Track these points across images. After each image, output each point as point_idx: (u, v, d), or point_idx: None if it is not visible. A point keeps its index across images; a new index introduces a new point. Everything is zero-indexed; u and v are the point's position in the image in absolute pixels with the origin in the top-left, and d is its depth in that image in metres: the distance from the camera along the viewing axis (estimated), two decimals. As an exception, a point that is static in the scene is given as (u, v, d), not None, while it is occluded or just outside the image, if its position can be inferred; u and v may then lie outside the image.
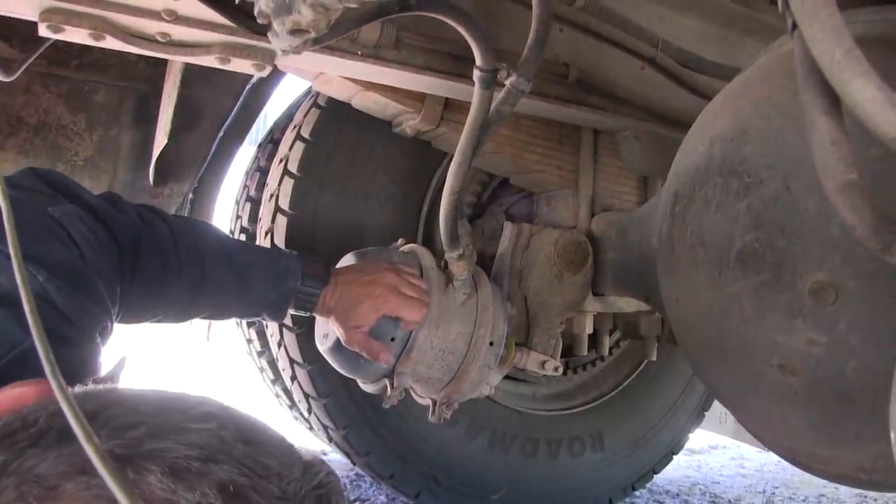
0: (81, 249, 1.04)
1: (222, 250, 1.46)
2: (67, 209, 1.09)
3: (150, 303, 1.37)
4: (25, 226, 0.97)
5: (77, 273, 1.01)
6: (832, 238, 1.07)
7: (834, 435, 1.13)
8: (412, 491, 2.31)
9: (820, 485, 3.36)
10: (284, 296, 1.53)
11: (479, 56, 1.40)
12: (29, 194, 1.10)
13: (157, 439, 0.53)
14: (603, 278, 1.93)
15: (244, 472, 0.54)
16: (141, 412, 0.56)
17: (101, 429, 0.52)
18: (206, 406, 0.60)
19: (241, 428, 0.59)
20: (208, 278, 1.42)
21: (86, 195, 1.21)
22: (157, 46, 1.44)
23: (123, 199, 1.32)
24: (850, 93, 0.64)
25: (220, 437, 0.56)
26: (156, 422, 0.55)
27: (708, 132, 1.36)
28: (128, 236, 1.24)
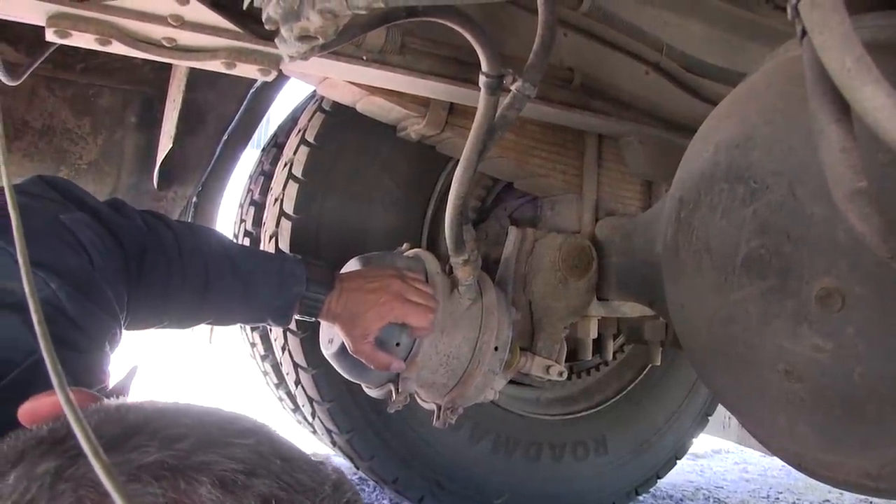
0: (91, 256, 1.05)
1: (226, 255, 1.46)
2: (76, 216, 1.10)
3: (154, 309, 1.37)
4: (36, 232, 0.98)
5: (87, 280, 1.02)
6: (838, 244, 1.06)
7: (840, 441, 1.13)
8: (416, 495, 2.31)
9: (824, 490, 3.35)
10: (289, 301, 1.53)
11: (484, 61, 1.40)
12: (39, 201, 1.10)
13: (203, 452, 0.54)
14: (607, 283, 1.93)
15: (283, 486, 0.55)
16: (184, 425, 0.57)
17: (150, 440, 0.54)
18: (242, 422, 0.61)
19: (276, 444, 0.60)
20: (212, 284, 1.42)
21: (92, 201, 1.21)
22: (164, 51, 1.44)
23: (128, 205, 1.33)
24: (861, 100, 0.64)
25: (259, 453, 0.57)
26: (200, 435, 0.56)
27: (713, 138, 1.36)
28: (133, 243, 1.24)
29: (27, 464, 0.52)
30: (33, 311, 0.58)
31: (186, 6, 1.35)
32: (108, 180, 2.38)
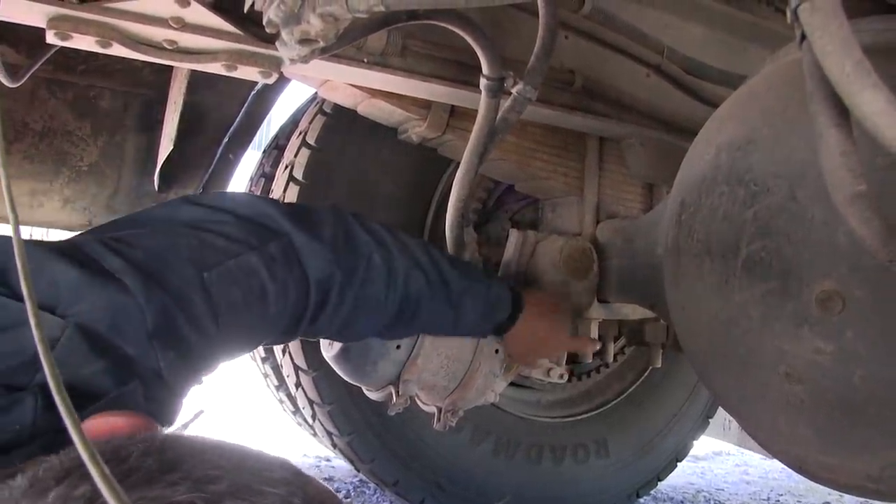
0: (207, 326, 0.97)
1: (441, 281, 1.37)
2: (242, 260, 1.03)
3: (344, 337, 1.38)
4: (175, 294, 0.93)
5: (196, 351, 0.96)
6: (839, 247, 1.06)
7: (841, 444, 1.13)
8: (416, 497, 2.31)
9: (825, 492, 3.35)
10: (489, 327, 1.52)
11: (485, 64, 1.40)
12: (208, 238, 1.04)
13: (234, 497, 0.54)
14: (608, 285, 1.93)
15: None
16: (220, 467, 0.57)
17: (184, 479, 0.54)
18: (281, 470, 0.61)
19: (309, 497, 0.59)
20: (421, 316, 1.37)
21: (284, 225, 1.13)
22: (164, 53, 1.44)
23: (348, 220, 1.26)
24: (860, 105, 0.65)
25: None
26: (236, 480, 0.56)
27: (714, 140, 1.36)
28: (320, 276, 1.16)
29: (68, 485, 0.52)
30: (39, 346, 0.58)
31: (187, 8, 1.35)
32: (108, 182, 2.38)
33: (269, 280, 1.06)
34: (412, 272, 1.31)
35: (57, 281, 0.85)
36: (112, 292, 0.88)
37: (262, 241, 1.08)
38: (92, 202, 2.38)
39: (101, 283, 0.87)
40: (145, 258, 0.94)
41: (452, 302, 1.40)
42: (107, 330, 0.85)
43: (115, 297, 0.88)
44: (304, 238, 1.13)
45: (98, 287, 0.87)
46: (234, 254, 1.03)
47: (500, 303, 1.50)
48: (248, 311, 1.04)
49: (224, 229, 1.06)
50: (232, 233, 1.06)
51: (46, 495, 0.51)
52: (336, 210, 1.27)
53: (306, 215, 1.20)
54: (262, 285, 1.05)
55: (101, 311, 0.86)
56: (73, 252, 0.91)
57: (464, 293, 1.41)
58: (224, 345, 1.02)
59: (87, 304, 0.85)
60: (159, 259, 0.95)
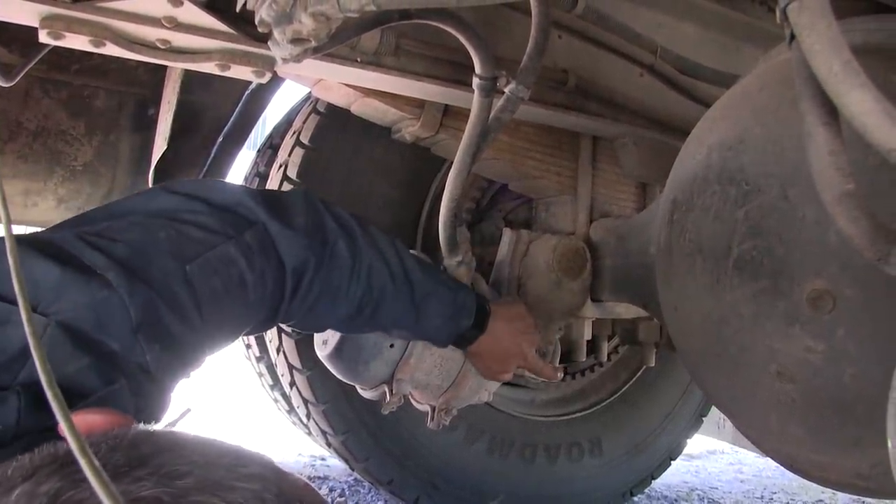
0: (202, 310, 0.98)
1: (406, 280, 1.37)
2: (219, 251, 1.03)
3: (304, 323, 1.34)
4: (153, 283, 0.93)
5: (181, 342, 0.96)
6: (830, 246, 1.07)
7: (832, 442, 1.13)
8: (411, 496, 2.31)
9: (818, 490, 3.36)
10: (452, 334, 1.49)
11: (478, 64, 1.40)
12: (181, 225, 1.03)
13: (202, 492, 0.54)
14: (601, 284, 1.93)
15: None
16: (194, 462, 0.57)
17: (152, 474, 0.54)
18: (257, 466, 0.61)
19: (284, 492, 0.59)
20: (382, 311, 1.36)
21: (256, 213, 1.13)
22: (158, 53, 1.44)
23: (310, 205, 1.25)
24: (848, 104, 0.65)
25: (263, 500, 0.56)
26: (205, 475, 0.56)
27: (706, 140, 1.36)
28: (294, 261, 1.16)
29: (34, 482, 0.53)
30: (31, 341, 0.59)
31: (180, 8, 1.35)
32: (103, 182, 2.38)
33: (247, 269, 1.06)
34: (376, 264, 1.31)
35: (36, 279, 0.84)
36: (94, 289, 0.87)
37: (238, 230, 1.08)
38: (87, 202, 2.38)
39: (84, 280, 0.87)
40: (126, 253, 0.93)
41: (415, 301, 1.39)
42: (91, 327, 0.85)
43: (97, 293, 0.87)
44: (277, 225, 1.14)
45: (80, 284, 0.86)
46: (213, 245, 1.03)
47: (465, 310, 1.48)
48: (230, 300, 1.04)
49: (200, 219, 1.06)
50: (208, 223, 1.06)
51: (11, 493, 0.52)
52: (306, 195, 1.26)
53: (278, 202, 1.20)
54: (240, 274, 1.05)
55: (84, 308, 0.86)
56: (52, 248, 0.90)
57: (428, 295, 1.40)
58: (208, 336, 1.03)
59: (69, 302, 0.85)
60: (141, 253, 0.95)
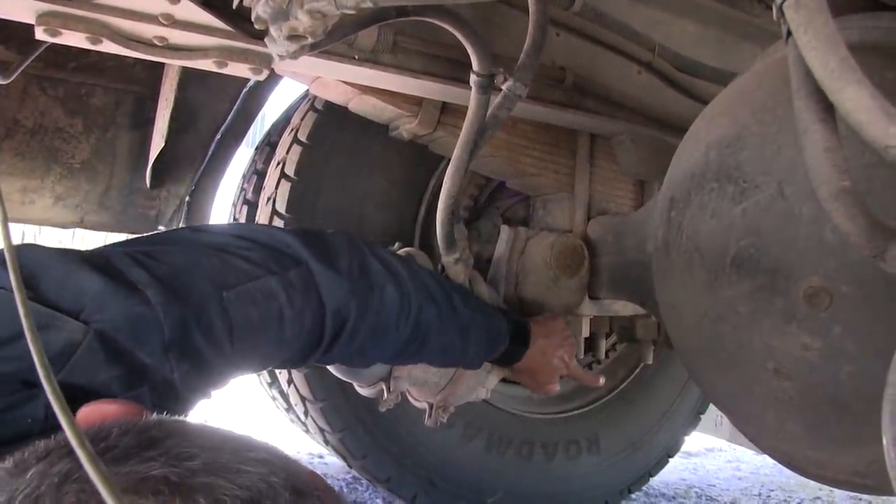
0: (222, 343, 0.99)
1: (451, 314, 1.41)
2: (260, 284, 1.05)
3: (352, 364, 1.40)
4: (201, 306, 0.96)
5: (212, 368, 0.98)
6: (826, 243, 1.07)
7: (829, 439, 1.13)
8: (408, 494, 2.31)
9: (815, 487, 3.36)
10: (488, 357, 1.58)
11: (475, 61, 1.40)
12: (236, 259, 1.07)
13: (210, 474, 0.55)
14: (599, 282, 1.94)
15: None
16: (202, 446, 0.58)
17: (161, 455, 0.55)
18: (262, 451, 0.62)
19: (291, 477, 0.60)
20: (429, 346, 1.40)
21: (301, 252, 1.16)
22: (155, 50, 1.44)
23: (363, 250, 1.28)
24: (844, 101, 0.65)
25: (270, 483, 0.57)
26: (213, 458, 0.57)
27: (704, 137, 1.36)
28: (335, 308, 1.18)
29: (47, 462, 0.54)
30: (28, 335, 0.60)
31: (177, 5, 1.34)
32: (100, 179, 2.38)
33: (286, 305, 1.08)
34: (425, 304, 1.35)
35: (83, 288, 0.88)
36: (134, 303, 0.90)
37: (283, 267, 1.11)
38: (84, 199, 2.38)
39: (125, 294, 0.90)
40: (168, 273, 0.96)
41: (461, 333, 1.44)
42: (125, 339, 0.87)
43: (135, 308, 0.90)
44: (321, 267, 1.16)
45: (121, 297, 0.89)
46: (255, 276, 1.06)
47: (500, 336, 1.56)
48: (264, 332, 1.06)
49: (246, 254, 1.09)
50: (253, 257, 1.09)
51: (26, 473, 0.53)
52: (350, 239, 1.29)
53: (323, 244, 1.22)
54: (279, 309, 1.07)
55: (122, 321, 0.88)
56: (101, 262, 0.94)
57: (469, 326, 1.46)
58: (237, 363, 1.05)
59: (109, 313, 0.88)
60: (182, 275, 0.98)
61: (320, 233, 1.27)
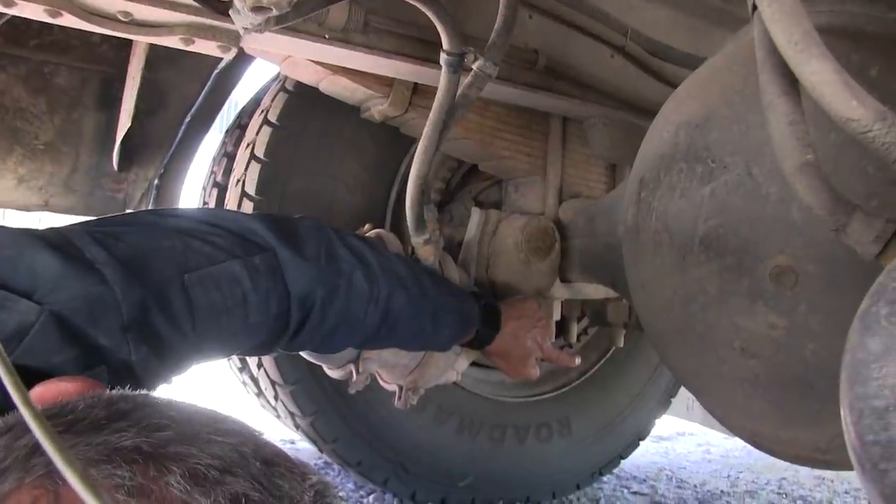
0: (183, 327, 0.98)
1: (422, 298, 1.41)
2: (224, 268, 1.05)
3: (321, 350, 1.39)
4: (161, 287, 0.95)
5: (172, 351, 0.97)
6: (793, 223, 1.08)
7: (793, 417, 1.14)
8: (380, 478, 2.31)
9: (781, 469, 3.41)
10: (459, 340, 1.58)
11: (445, 39, 1.39)
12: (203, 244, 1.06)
13: (182, 444, 0.55)
14: (570, 265, 1.94)
15: (257, 488, 0.55)
16: (171, 417, 0.58)
17: (132, 426, 0.55)
18: (231, 423, 0.62)
19: (261, 448, 0.60)
20: (398, 331, 1.40)
21: (267, 239, 1.15)
22: (119, 26, 1.41)
23: (331, 237, 1.28)
24: (807, 74, 0.65)
25: (241, 453, 0.57)
26: (184, 429, 0.57)
27: (674, 118, 1.36)
28: (302, 293, 1.17)
29: (12, 435, 0.54)
30: None
31: (142, -21, 1.32)
32: (66, 161, 2.34)
33: (251, 290, 1.07)
34: (394, 291, 1.34)
35: (36, 268, 0.85)
36: (90, 283, 0.88)
37: (248, 252, 1.10)
38: (48, 181, 2.33)
39: (82, 273, 0.88)
40: (128, 253, 0.94)
41: (432, 318, 1.44)
42: (82, 320, 0.86)
43: (92, 287, 0.88)
44: (287, 253, 1.15)
45: (78, 276, 0.87)
46: (218, 260, 1.05)
47: (471, 319, 1.56)
48: (228, 317, 1.05)
49: (210, 238, 1.07)
50: (217, 242, 1.07)
51: None
52: (319, 225, 1.28)
53: (290, 230, 1.21)
54: (244, 294, 1.07)
55: (78, 301, 0.86)
56: (58, 240, 0.91)
57: (440, 310, 1.46)
58: (199, 347, 1.03)
59: (65, 293, 0.86)
60: (142, 256, 0.96)
61: (288, 219, 1.27)
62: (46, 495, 0.50)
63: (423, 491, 2.39)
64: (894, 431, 0.52)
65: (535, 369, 1.72)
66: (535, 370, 1.72)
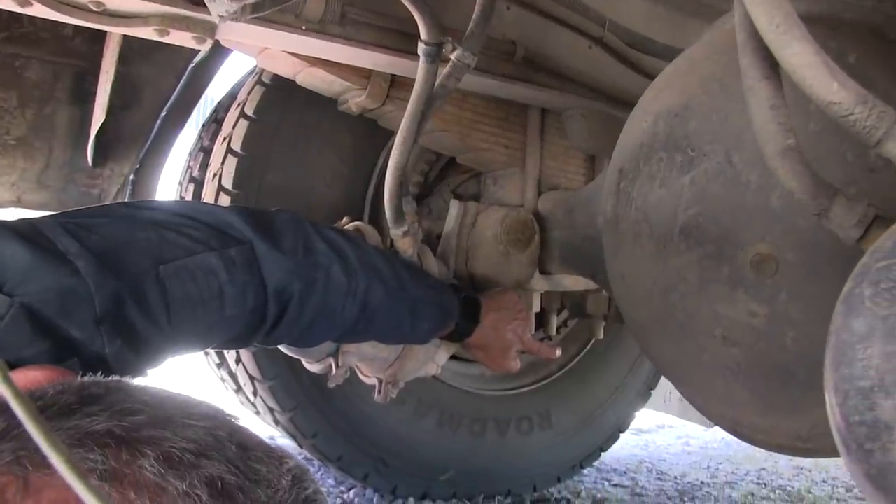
0: (158, 319, 0.97)
1: (400, 292, 1.40)
2: (200, 259, 1.04)
3: (300, 344, 1.39)
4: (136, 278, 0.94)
5: (147, 344, 0.96)
6: (773, 210, 1.08)
7: (774, 405, 1.14)
8: (360, 473, 2.30)
9: (761, 459, 3.44)
10: (438, 333, 1.56)
11: (423, 29, 1.38)
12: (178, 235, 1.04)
13: (155, 428, 0.54)
14: (550, 256, 1.94)
15: (233, 471, 0.55)
16: (144, 402, 0.58)
17: (104, 410, 0.54)
18: (205, 407, 0.61)
19: (236, 432, 0.60)
20: (376, 324, 1.39)
21: (243, 232, 1.13)
22: (91, 16, 1.38)
23: (308, 230, 1.26)
24: (788, 56, 0.64)
25: (216, 437, 0.57)
26: (157, 413, 0.57)
27: (653, 108, 1.36)
28: (279, 286, 1.16)
29: None
30: None
31: (114, -32, 1.30)
32: (39, 157, 2.30)
33: (227, 282, 1.06)
34: (372, 284, 1.34)
35: (4, 258, 0.84)
36: (62, 274, 0.87)
37: (224, 244, 1.09)
38: (21, 177, 2.30)
39: (53, 265, 0.86)
40: (102, 245, 0.93)
41: (411, 311, 1.43)
42: (54, 312, 0.84)
43: (64, 279, 0.86)
44: (264, 246, 1.14)
45: (49, 268, 0.86)
46: (193, 252, 1.04)
47: (450, 312, 1.55)
48: (204, 309, 1.04)
49: (186, 230, 1.06)
50: (193, 234, 1.06)
51: None
52: (296, 218, 1.27)
53: (267, 223, 1.20)
54: (219, 286, 1.05)
55: (50, 293, 0.85)
56: (29, 231, 0.89)
57: (419, 303, 1.45)
58: (175, 340, 1.02)
59: (36, 285, 0.84)
60: (116, 248, 0.95)
61: (265, 212, 1.26)
62: (15, 482, 0.49)
63: (404, 485, 2.39)
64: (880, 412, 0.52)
65: (515, 362, 1.70)
66: (516, 363, 1.71)
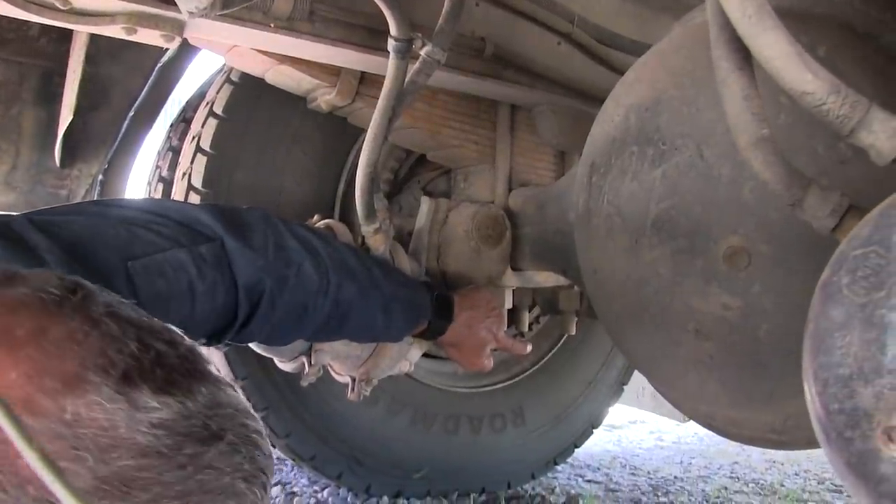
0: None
1: (373, 289, 1.40)
2: (164, 257, 1.03)
3: (271, 342, 1.39)
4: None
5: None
6: (745, 203, 1.08)
7: (747, 398, 1.15)
8: (334, 472, 2.29)
9: (733, 454, 3.47)
10: (411, 331, 1.56)
11: (393, 25, 1.38)
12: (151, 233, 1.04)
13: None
14: (521, 253, 1.94)
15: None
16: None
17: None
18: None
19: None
20: (349, 322, 1.38)
21: (213, 229, 1.13)
22: (58, 14, 1.36)
23: (279, 228, 1.26)
24: (761, 47, 0.65)
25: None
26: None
27: (624, 102, 1.37)
28: (251, 283, 1.16)
29: None
30: None
31: (80, -35, 1.28)
32: (5, 158, 2.27)
33: (197, 279, 1.06)
34: (344, 282, 1.33)
35: None
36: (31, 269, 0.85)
37: (194, 241, 1.09)
38: (-14, 179, 2.27)
39: (21, 259, 0.85)
40: (71, 241, 0.93)
41: (383, 309, 1.43)
42: None
43: None
44: (234, 244, 1.14)
45: (18, 263, 0.83)
46: (162, 248, 1.03)
47: (423, 309, 1.55)
48: (175, 305, 1.04)
49: (155, 227, 1.06)
50: (163, 231, 1.06)
51: None
52: (267, 216, 1.27)
53: (238, 221, 1.20)
54: (189, 282, 1.05)
55: None
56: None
57: (392, 301, 1.45)
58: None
59: None
60: (86, 244, 0.94)
61: (235, 209, 1.25)
62: None
63: (378, 484, 2.38)
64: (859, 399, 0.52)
65: (488, 360, 1.71)
66: (489, 361, 1.71)
